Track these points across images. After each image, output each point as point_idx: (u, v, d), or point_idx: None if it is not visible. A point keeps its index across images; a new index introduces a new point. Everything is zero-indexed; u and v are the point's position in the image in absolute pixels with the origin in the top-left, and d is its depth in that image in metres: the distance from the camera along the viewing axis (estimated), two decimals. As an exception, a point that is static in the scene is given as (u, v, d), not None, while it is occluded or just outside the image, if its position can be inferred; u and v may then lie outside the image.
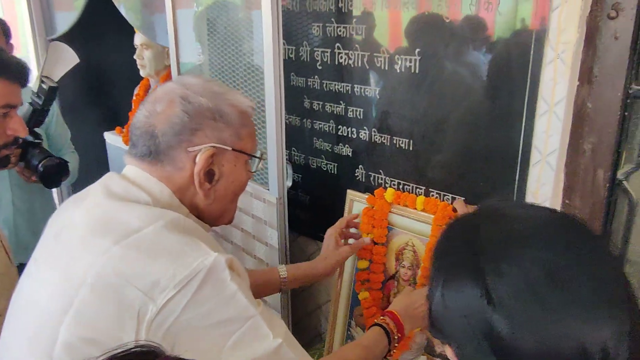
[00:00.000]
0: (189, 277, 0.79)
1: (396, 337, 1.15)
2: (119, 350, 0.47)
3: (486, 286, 0.55)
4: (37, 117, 1.80)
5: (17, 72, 1.19)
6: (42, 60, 1.89)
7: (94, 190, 0.94)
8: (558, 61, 1.08)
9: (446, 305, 0.59)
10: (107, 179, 0.95)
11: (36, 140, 1.82)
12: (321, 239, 1.69)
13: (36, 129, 1.85)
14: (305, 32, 1.54)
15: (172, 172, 0.92)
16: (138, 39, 2.35)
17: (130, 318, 0.77)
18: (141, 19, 2.25)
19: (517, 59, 1.13)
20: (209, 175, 0.94)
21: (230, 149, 0.95)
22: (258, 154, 1.02)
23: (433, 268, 0.64)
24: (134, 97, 2.53)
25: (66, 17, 2.60)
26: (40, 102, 1.77)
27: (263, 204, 1.63)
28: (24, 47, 2.78)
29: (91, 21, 2.54)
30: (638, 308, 0.56)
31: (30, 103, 1.80)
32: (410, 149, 1.37)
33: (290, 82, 1.61)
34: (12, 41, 2.12)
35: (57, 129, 2.09)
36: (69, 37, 2.47)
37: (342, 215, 1.51)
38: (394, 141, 1.40)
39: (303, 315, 1.85)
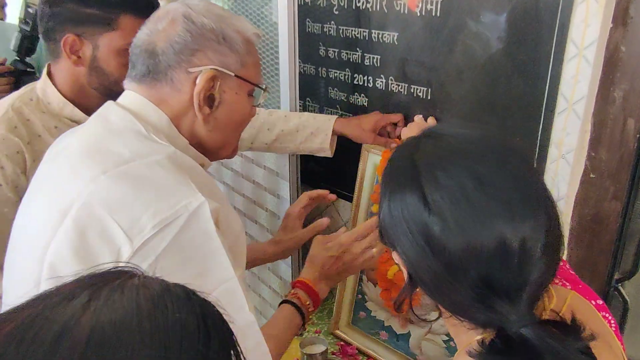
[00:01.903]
0: (170, 219, 0.74)
1: (310, 310, 1.09)
2: (97, 270, 0.43)
3: (423, 193, 0.62)
4: (27, 44, 1.77)
5: (145, 7, 1.11)
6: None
7: (92, 119, 0.90)
8: (590, 0, 1.00)
9: (391, 214, 0.66)
10: (105, 108, 0.91)
11: (29, 70, 1.80)
12: (335, 193, 1.65)
13: (28, 59, 1.83)
14: (322, -25, 1.47)
15: (170, 94, 0.88)
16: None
17: (110, 254, 0.73)
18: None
19: (546, 0, 1.06)
20: (209, 100, 0.89)
21: (232, 74, 0.90)
22: (263, 86, 0.97)
23: (382, 185, 0.71)
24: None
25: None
26: (29, 29, 1.73)
27: (274, 154, 1.59)
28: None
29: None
30: (555, 208, 0.63)
31: (19, 30, 1.77)
32: (429, 98, 1.31)
33: (306, 28, 1.55)
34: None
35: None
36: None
37: (357, 168, 1.46)
38: (412, 90, 1.34)
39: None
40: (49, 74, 1.20)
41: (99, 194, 0.76)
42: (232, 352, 0.44)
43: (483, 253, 0.59)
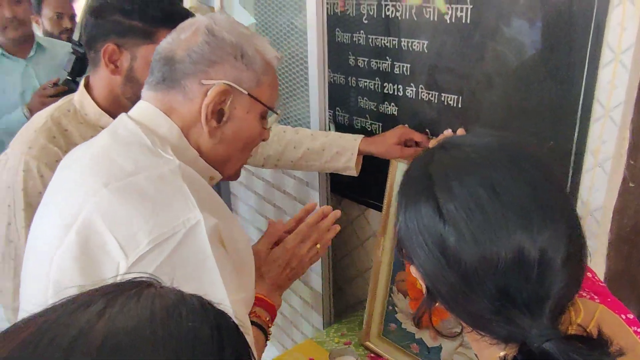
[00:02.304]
0: (166, 235, 0.73)
1: (270, 324, 1.07)
2: (111, 281, 0.44)
3: (438, 204, 0.61)
4: (80, 65, 1.83)
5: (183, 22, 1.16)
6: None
7: (103, 131, 0.91)
8: (627, 3, 0.97)
9: (407, 226, 0.65)
10: (117, 120, 0.92)
11: None
12: (365, 203, 1.64)
13: (78, 79, 1.88)
14: (352, -16, 1.47)
15: (182, 102, 0.88)
16: (187, 2, 2.35)
17: (111, 268, 0.73)
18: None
19: (580, 3, 1.03)
20: (218, 114, 0.89)
21: (246, 92, 0.90)
22: (276, 110, 0.97)
23: (398, 197, 0.70)
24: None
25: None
26: (82, 51, 1.78)
27: (305, 164, 1.58)
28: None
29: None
30: (576, 217, 0.62)
31: (72, 52, 1.83)
32: (459, 106, 1.29)
33: (335, 38, 1.55)
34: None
35: None
36: None
37: (386, 178, 1.44)
38: (442, 98, 1.32)
39: (344, 282, 1.82)
40: (87, 86, 1.23)
41: (99, 208, 0.76)
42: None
43: (500, 264, 0.57)
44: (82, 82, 1.25)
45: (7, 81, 1.99)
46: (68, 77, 1.87)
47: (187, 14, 1.20)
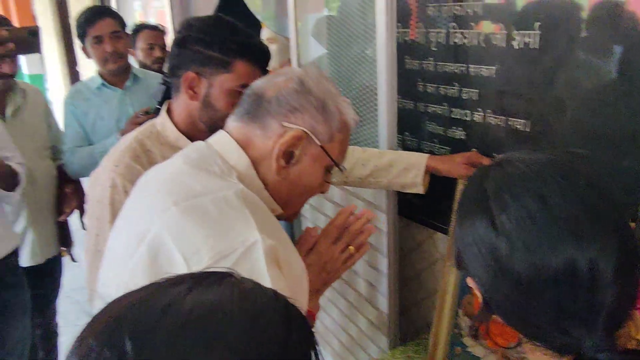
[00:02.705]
0: (226, 253, 0.79)
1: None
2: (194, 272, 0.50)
3: (491, 216, 0.64)
4: (169, 95, 1.97)
5: (260, 55, 1.26)
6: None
7: (177, 154, 1.00)
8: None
9: (463, 239, 0.68)
10: (193, 144, 1.01)
11: None
12: (432, 226, 1.66)
13: None
14: (421, 13, 1.52)
15: (259, 136, 0.95)
16: (265, 34, 2.49)
17: None
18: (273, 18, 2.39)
19: (652, 27, 1.02)
20: (288, 156, 0.96)
21: (318, 143, 0.96)
22: (340, 167, 1.03)
23: (456, 213, 0.73)
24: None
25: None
26: (171, 81, 1.93)
27: (373, 187, 1.63)
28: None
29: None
30: (629, 230, 0.62)
31: (162, 83, 1.98)
32: (528, 130, 1.29)
33: (405, 65, 1.60)
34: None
35: None
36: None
37: (453, 201, 1.46)
38: (510, 123, 1.33)
39: (412, 304, 1.82)
40: (168, 111, 1.35)
41: (168, 224, 0.83)
42: (312, 352, 0.48)
43: (552, 275, 0.59)
44: (164, 107, 1.37)
45: (106, 109, 2.18)
46: (158, 106, 2.03)
47: (261, 47, 1.29)
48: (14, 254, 1.91)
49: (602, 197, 0.63)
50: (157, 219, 0.85)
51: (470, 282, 0.71)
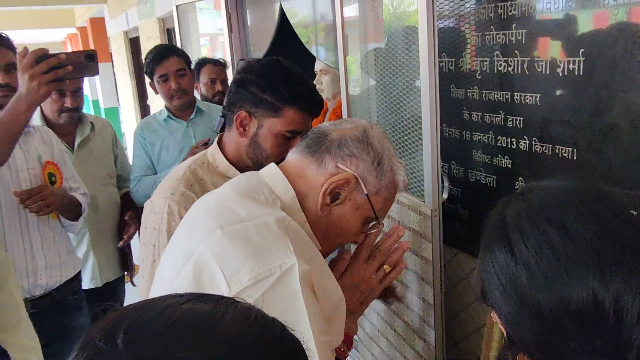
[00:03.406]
0: (264, 275, 0.83)
1: (347, 354, 1.08)
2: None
3: (510, 244, 0.63)
4: None
5: (310, 104, 1.31)
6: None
7: (227, 182, 1.06)
8: None
9: (485, 269, 0.67)
10: (244, 174, 1.06)
11: None
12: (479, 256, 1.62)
13: None
14: (466, 42, 1.52)
15: (313, 171, 1.00)
16: (318, 66, 2.55)
17: None
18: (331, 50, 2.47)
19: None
20: (334, 195, 0.99)
21: (365, 192, 1.00)
22: (378, 223, 1.05)
23: (481, 244, 0.71)
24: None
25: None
26: None
27: (418, 216, 1.62)
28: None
29: (278, 53, 2.82)
30: None
31: (222, 116, 2.07)
32: (574, 158, 1.25)
33: (450, 94, 1.60)
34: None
35: None
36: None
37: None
38: (557, 150, 1.30)
39: (461, 337, 1.77)
40: (220, 143, 1.41)
41: (212, 246, 0.88)
42: None
43: (574, 308, 0.56)
44: (216, 139, 1.43)
45: (171, 140, 2.29)
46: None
47: (312, 95, 1.33)
48: (77, 277, 2.02)
49: (629, 228, 0.60)
50: (203, 241, 0.91)
51: (494, 315, 0.69)
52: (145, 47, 5.91)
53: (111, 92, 8.96)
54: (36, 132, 1.91)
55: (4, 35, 1.79)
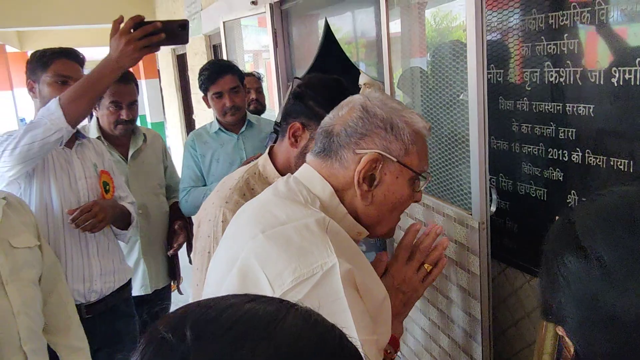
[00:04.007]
0: (306, 276, 0.84)
1: (393, 356, 1.06)
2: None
3: (584, 249, 0.57)
4: None
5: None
6: (284, 98, 2.21)
7: (269, 187, 1.08)
8: None
9: (551, 281, 0.62)
10: (282, 178, 1.07)
11: None
12: (530, 271, 1.58)
13: None
14: (515, 53, 1.51)
15: (338, 169, 1.00)
16: (362, 79, 2.57)
17: None
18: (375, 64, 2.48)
19: None
20: (370, 179, 0.99)
21: (395, 160, 0.99)
22: (424, 174, 1.03)
23: (542, 258, 0.66)
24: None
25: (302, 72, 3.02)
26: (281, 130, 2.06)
27: (465, 229, 1.60)
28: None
29: (321, 67, 2.86)
30: None
31: (273, 131, 2.11)
32: (630, 170, 1.22)
33: (499, 106, 1.58)
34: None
35: None
36: (305, 81, 2.85)
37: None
38: (611, 163, 1.26)
39: (510, 354, 1.73)
40: (270, 153, 1.44)
41: (255, 250, 0.90)
42: None
43: None
44: (267, 149, 1.46)
45: (222, 152, 2.36)
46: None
47: None
48: (128, 285, 2.08)
49: None
50: (246, 246, 0.93)
51: (560, 330, 0.64)
52: (192, 63, 6.07)
53: (158, 107, 9.23)
54: (89, 143, 2.00)
55: (80, 53, 1.90)
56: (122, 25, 1.47)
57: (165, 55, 7.86)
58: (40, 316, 1.58)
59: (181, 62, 7.10)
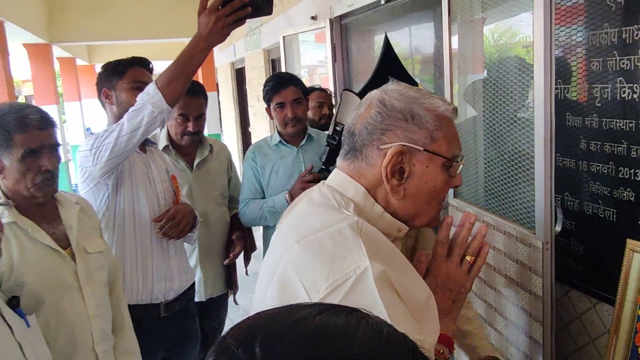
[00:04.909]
0: (340, 282, 0.83)
1: (447, 356, 1.02)
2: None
3: None
4: (332, 156, 2.11)
5: None
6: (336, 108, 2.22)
7: (305, 197, 1.07)
8: None
9: None
10: (315, 187, 1.07)
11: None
12: (596, 295, 1.52)
13: (331, 167, 2.15)
14: (583, 69, 1.46)
15: (365, 168, 0.99)
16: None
17: None
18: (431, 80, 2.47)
19: None
20: (399, 172, 0.96)
21: (421, 149, 0.96)
22: (458, 158, 0.99)
23: None
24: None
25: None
26: (335, 143, 2.07)
27: (528, 248, 1.55)
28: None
29: (379, 82, 2.87)
30: None
31: (327, 144, 2.12)
32: None
33: (565, 122, 1.53)
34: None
35: None
36: (364, 94, 2.86)
37: (620, 267, 1.33)
38: (690, 184, 1.20)
39: (572, 350, 1.65)
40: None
41: (292, 259, 0.91)
42: None
43: None
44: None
45: (281, 164, 2.38)
46: (322, 167, 2.17)
47: None
48: (193, 285, 2.15)
49: None
50: (283, 257, 0.93)
51: None
52: (250, 77, 6.21)
53: (215, 119, 9.48)
54: (156, 151, 2.08)
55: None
56: (209, 1, 1.50)
57: (224, 69, 8.08)
58: (110, 318, 1.64)
59: (239, 76, 7.27)
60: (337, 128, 2.08)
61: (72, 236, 1.55)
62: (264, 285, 0.96)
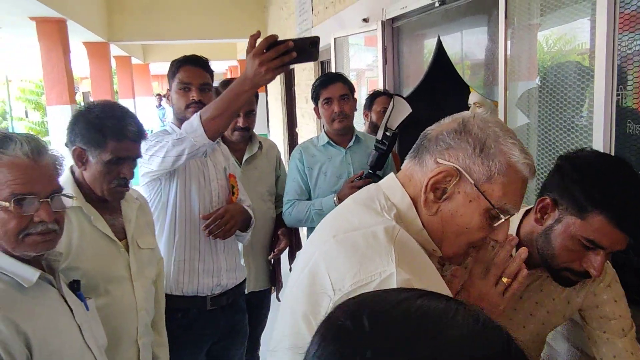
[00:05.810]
0: (364, 282, 0.85)
1: None
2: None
3: None
4: (381, 160, 2.11)
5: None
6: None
7: (351, 195, 1.08)
8: None
9: None
10: (366, 187, 1.07)
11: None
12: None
13: (378, 172, 2.15)
14: (648, 76, 1.41)
15: (418, 172, 0.99)
16: (473, 98, 2.52)
17: (325, 302, 0.87)
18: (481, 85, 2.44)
19: None
20: (441, 191, 0.95)
21: (472, 182, 0.94)
22: (505, 212, 0.95)
23: None
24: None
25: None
26: (384, 148, 2.07)
27: (582, 259, 1.50)
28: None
29: (432, 85, 2.85)
30: None
31: (375, 149, 2.12)
32: None
33: (626, 130, 1.48)
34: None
35: (391, 170, 2.39)
36: (414, 97, 2.84)
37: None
38: None
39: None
40: None
41: (325, 252, 0.93)
42: None
43: None
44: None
45: (329, 166, 2.38)
46: (370, 171, 2.17)
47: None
48: (244, 282, 2.19)
49: None
50: (319, 249, 0.96)
51: None
52: (299, 78, 6.27)
53: (262, 119, 9.61)
54: (219, 147, 2.14)
55: (204, 58, 2.05)
56: (257, 41, 1.51)
57: (273, 70, 8.15)
58: (153, 313, 1.70)
59: (288, 77, 7.35)
60: (387, 133, 2.07)
61: (129, 230, 1.61)
62: (298, 272, 0.98)
